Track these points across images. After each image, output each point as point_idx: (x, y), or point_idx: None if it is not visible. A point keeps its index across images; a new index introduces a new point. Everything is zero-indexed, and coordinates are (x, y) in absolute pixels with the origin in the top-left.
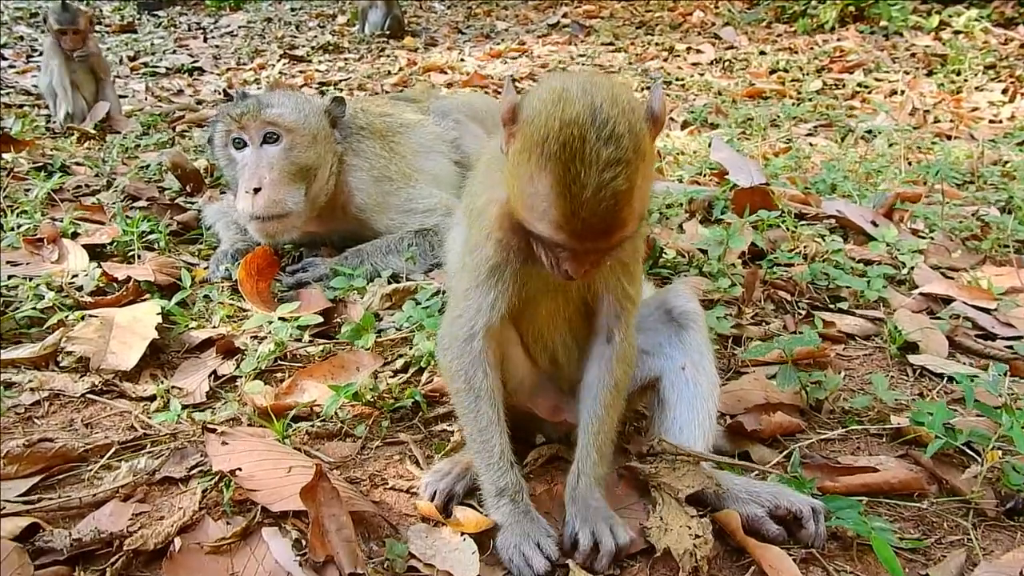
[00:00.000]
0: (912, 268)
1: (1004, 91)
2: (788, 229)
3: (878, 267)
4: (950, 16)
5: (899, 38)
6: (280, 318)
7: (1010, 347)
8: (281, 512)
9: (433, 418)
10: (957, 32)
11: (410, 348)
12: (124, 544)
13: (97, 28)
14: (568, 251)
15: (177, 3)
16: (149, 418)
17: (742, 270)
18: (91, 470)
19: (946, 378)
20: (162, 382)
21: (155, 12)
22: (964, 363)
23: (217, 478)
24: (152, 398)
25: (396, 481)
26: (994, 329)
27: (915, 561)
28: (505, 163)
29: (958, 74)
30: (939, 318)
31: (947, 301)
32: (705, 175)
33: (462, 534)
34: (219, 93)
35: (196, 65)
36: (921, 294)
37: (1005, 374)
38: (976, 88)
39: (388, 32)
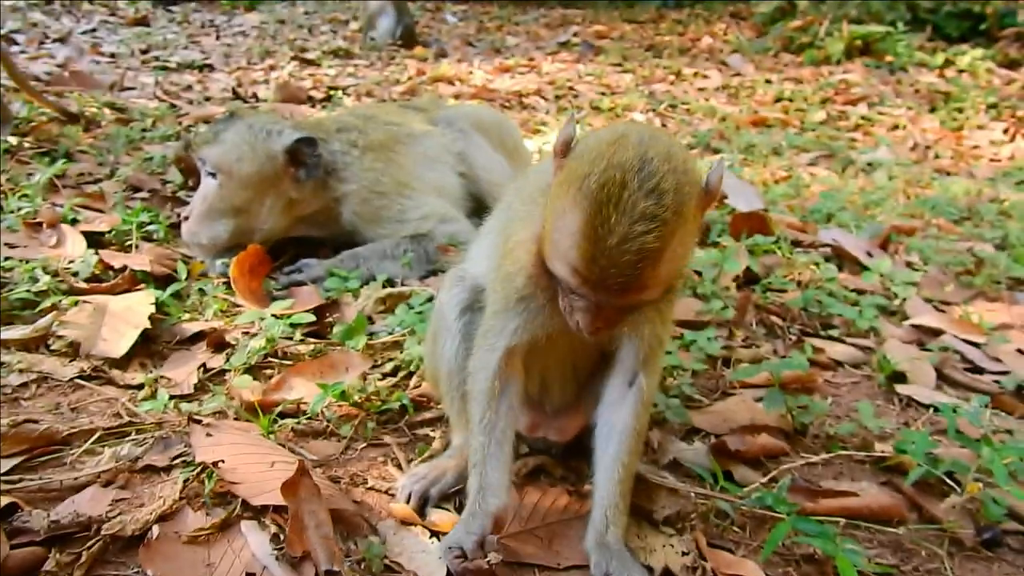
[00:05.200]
0: (905, 300)
1: (1005, 131)
2: (784, 256)
3: (871, 297)
4: (955, 55)
5: (904, 74)
6: (273, 315)
7: (997, 382)
8: (261, 506)
9: (419, 422)
10: (961, 71)
11: (401, 352)
12: (101, 529)
13: (111, 20)
14: (582, 300)
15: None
16: (135, 406)
17: (735, 293)
18: (74, 454)
19: (932, 409)
20: (151, 371)
21: (169, 7)
22: (951, 395)
23: (199, 469)
24: (140, 387)
25: (377, 482)
26: (982, 363)
27: None
28: (547, 195)
29: (960, 112)
30: (929, 350)
31: (938, 333)
32: None
33: (432, 535)
34: (228, 91)
35: (207, 62)
36: (912, 326)
37: (986, 406)
38: (978, 126)
39: (400, 41)
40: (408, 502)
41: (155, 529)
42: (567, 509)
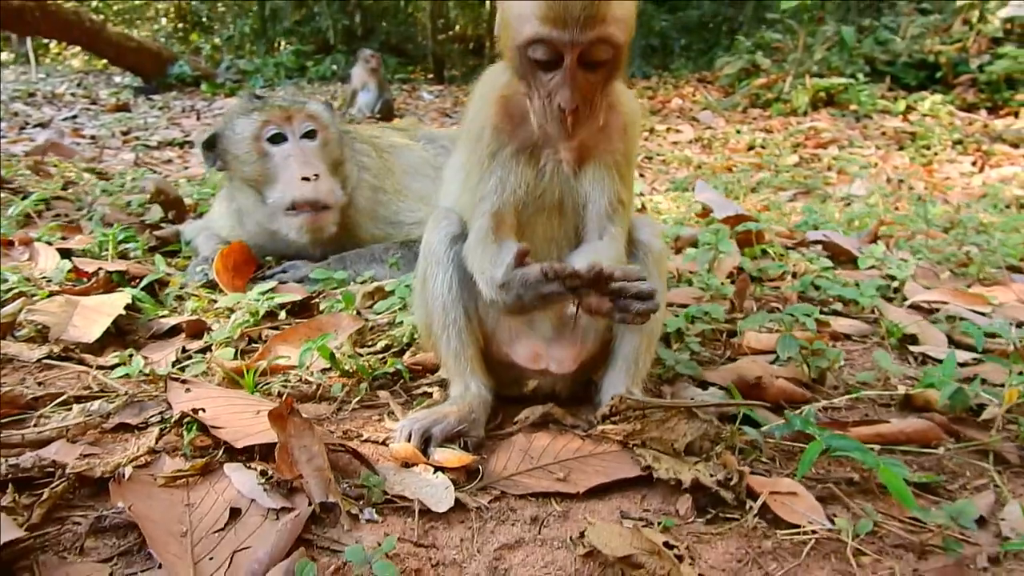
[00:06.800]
0: (903, 282)
1: (973, 163)
2: (776, 255)
3: (870, 280)
4: (916, 100)
5: (869, 120)
6: (258, 294)
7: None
8: (246, 450)
9: (415, 386)
10: (924, 115)
11: (393, 329)
12: (67, 470)
13: (92, 108)
14: (556, 73)
15: (174, 88)
16: (107, 378)
17: (731, 287)
18: (40, 414)
19: None
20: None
21: (151, 96)
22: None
23: (178, 416)
24: (114, 367)
25: (373, 435)
26: (991, 329)
27: (941, 503)
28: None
29: (928, 148)
30: (936, 321)
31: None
32: (690, 220)
33: (436, 470)
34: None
35: (187, 139)
36: (913, 305)
37: (1012, 324)
38: (947, 161)
39: (379, 115)
40: (409, 440)
41: (128, 470)
42: (580, 450)
